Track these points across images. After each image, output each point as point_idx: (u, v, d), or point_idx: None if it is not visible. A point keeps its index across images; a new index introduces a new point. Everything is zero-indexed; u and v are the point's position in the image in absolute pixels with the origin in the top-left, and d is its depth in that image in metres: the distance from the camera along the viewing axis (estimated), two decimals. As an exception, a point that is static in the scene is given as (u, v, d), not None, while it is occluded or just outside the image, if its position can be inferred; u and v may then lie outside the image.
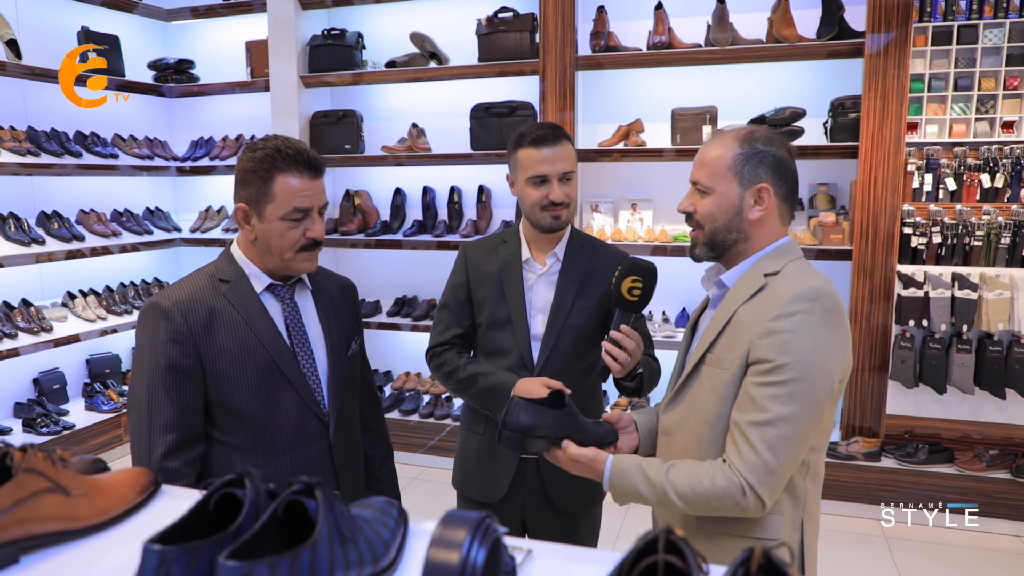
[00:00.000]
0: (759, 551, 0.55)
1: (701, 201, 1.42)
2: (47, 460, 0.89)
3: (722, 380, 1.35)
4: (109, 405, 4.35)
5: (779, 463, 1.25)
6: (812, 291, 1.29)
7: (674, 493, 1.29)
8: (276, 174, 1.44)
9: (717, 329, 1.39)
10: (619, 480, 1.34)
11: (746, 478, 1.25)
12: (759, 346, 1.29)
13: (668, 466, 1.32)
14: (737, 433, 1.29)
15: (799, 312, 1.27)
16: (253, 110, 4.85)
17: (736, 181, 1.38)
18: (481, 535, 0.65)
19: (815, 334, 1.27)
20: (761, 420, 1.25)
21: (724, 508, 1.28)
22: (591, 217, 4.14)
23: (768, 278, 1.36)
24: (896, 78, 3.43)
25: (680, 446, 1.44)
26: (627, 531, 3.44)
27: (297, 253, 1.50)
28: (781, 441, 1.25)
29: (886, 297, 3.56)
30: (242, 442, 1.49)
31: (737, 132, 1.42)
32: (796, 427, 1.26)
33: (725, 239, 1.41)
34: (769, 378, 1.27)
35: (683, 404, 1.45)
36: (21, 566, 0.82)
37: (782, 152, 1.40)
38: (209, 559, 0.68)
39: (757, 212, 1.39)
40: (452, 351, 2.00)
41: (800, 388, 1.25)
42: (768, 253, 1.41)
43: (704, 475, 1.28)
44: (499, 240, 2.04)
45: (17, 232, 3.97)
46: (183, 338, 1.44)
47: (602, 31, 3.90)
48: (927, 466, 3.55)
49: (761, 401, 1.26)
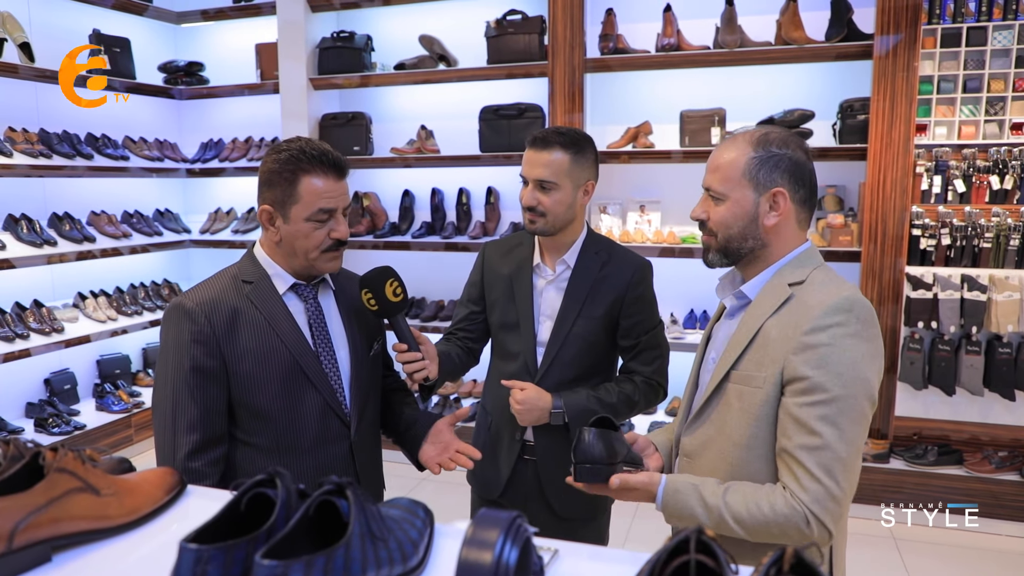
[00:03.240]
0: (790, 551, 0.56)
1: (715, 208, 1.36)
2: (77, 460, 0.91)
3: (755, 400, 1.30)
4: (119, 405, 4.38)
5: (840, 487, 1.20)
6: (846, 301, 1.24)
7: (731, 518, 1.24)
8: (301, 175, 1.45)
9: (742, 345, 1.33)
10: (673, 500, 1.29)
11: (809, 508, 1.20)
12: (794, 362, 1.24)
13: (725, 489, 1.27)
14: (790, 460, 1.23)
15: (835, 325, 1.23)
16: (263, 112, 4.88)
17: (751, 186, 1.33)
18: (513, 535, 0.66)
19: (853, 346, 1.22)
20: (813, 445, 1.20)
21: (786, 536, 1.22)
22: (599, 219, 4.15)
23: (793, 288, 1.31)
24: (905, 80, 3.43)
25: (706, 469, 1.38)
26: (636, 533, 3.45)
27: (322, 254, 1.51)
28: (837, 463, 1.20)
29: (895, 299, 3.56)
30: (265, 442, 1.50)
31: (750, 135, 1.36)
32: (849, 445, 1.21)
33: (740, 247, 1.36)
34: (812, 397, 1.21)
35: (708, 425, 1.39)
36: (53, 564, 0.84)
37: (798, 154, 1.34)
38: (243, 558, 0.70)
39: (773, 218, 1.34)
40: (451, 341, 2.05)
41: (846, 405, 1.21)
42: (790, 261, 1.36)
43: (764, 501, 1.23)
44: (517, 241, 2.04)
45: (29, 233, 4.00)
46: (207, 339, 1.45)
47: (611, 33, 3.90)
48: (936, 468, 3.54)
49: (809, 423, 1.21)
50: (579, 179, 1.86)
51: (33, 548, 0.82)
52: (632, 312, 1.91)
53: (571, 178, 1.84)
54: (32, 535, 0.81)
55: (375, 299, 1.59)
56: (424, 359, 1.67)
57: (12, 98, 4.15)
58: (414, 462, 1.71)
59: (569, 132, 1.86)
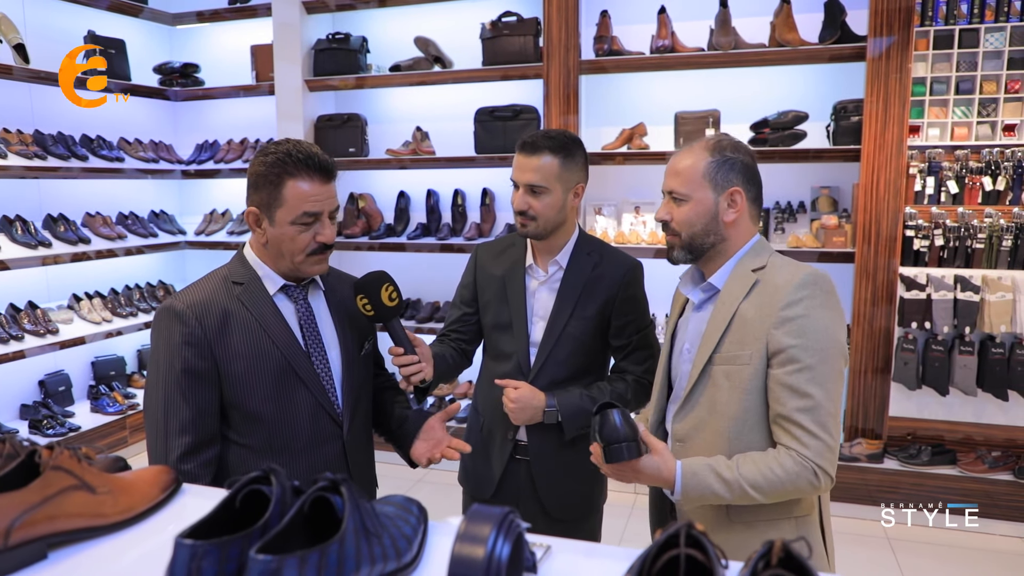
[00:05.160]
0: (779, 544, 0.57)
1: (678, 209, 1.52)
2: (73, 458, 0.91)
3: (744, 375, 1.43)
4: (114, 407, 4.37)
5: (833, 438, 1.37)
6: (810, 276, 1.42)
7: (750, 486, 1.35)
8: (287, 179, 1.45)
9: (720, 330, 1.47)
10: (692, 483, 1.37)
11: (815, 461, 1.35)
12: (777, 335, 1.40)
13: (736, 462, 1.38)
14: (788, 423, 1.38)
15: (805, 298, 1.40)
16: (258, 113, 4.88)
17: (710, 187, 1.49)
18: (505, 530, 0.67)
19: (823, 315, 1.40)
20: (807, 406, 1.36)
21: (799, 491, 1.37)
22: (594, 220, 4.16)
23: (757, 273, 1.48)
24: (898, 81, 3.45)
25: (701, 448, 1.48)
26: (631, 532, 3.45)
27: (308, 257, 1.51)
28: (829, 418, 1.37)
29: (888, 299, 3.58)
30: (257, 443, 1.50)
31: (705, 142, 1.53)
32: (834, 400, 1.39)
33: (703, 242, 1.52)
34: (797, 364, 1.37)
35: (698, 408, 1.51)
36: (49, 561, 0.84)
37: (748, 158, 1.52)
38: (238, 554, 0.70)
39: (732, 214, 1.50)
40: (444, 343, 2.06)
41: (827, 366, 1.38)
42: (748, 251, 1.53)
43: (775, 463, 1.36)
44: (509, 243, 2.06)
45: (24, 235, 3.99)
46: (198, 341, 1.45)
47: (605, 35, 3.92)
48: (930, 468, 3.56)
49: (800, 387, 1.37)
50: (569, 182, 1.88)
51: (29, 545, 0.82)
52: (624, 312, 1.92)
53: (561, 181, 1.86)
54: (28, 532, 0.82)
55: (371, 304, 1.59)
56: (420, 361, 1.68)
57: (7, 99, 4.14)
58: (406, 459, 1.72)
59: (558, 136, 1.87)
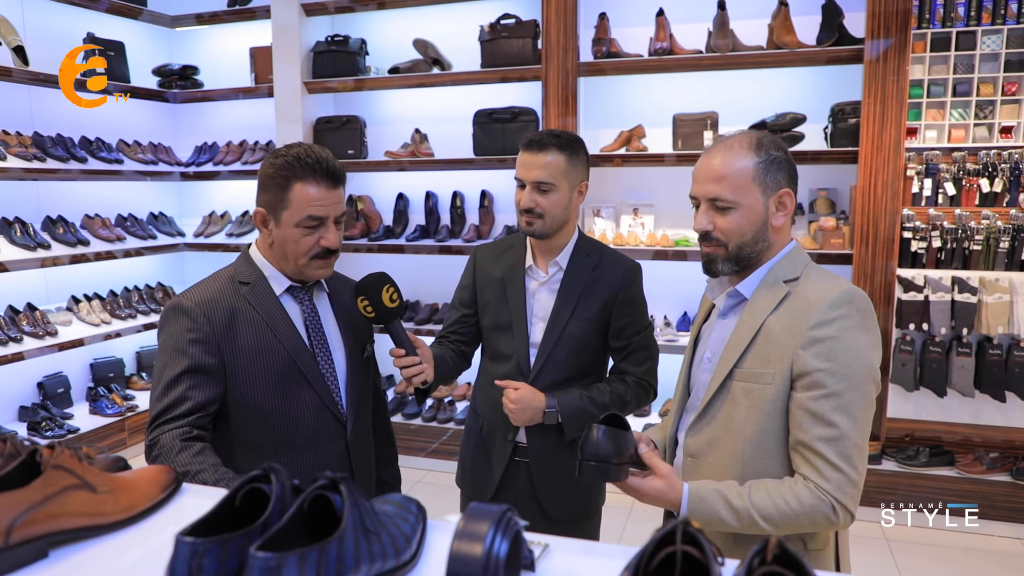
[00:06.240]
0: (774, 541, 0.58)
1: (723, 218, 1.36)
2: (74, 457, 0.92)
3: (764, 396, 1.32)
4: (113, 409, 4.37)
5: (858, 472, 1.26)
6: (847, 295, 1.29)
7: (760, 517, 1.25)
8: (294, 182, 1.47)
9: (744, 343, 1.35)
10: (699, 508, 1.28)
11: (834, 496, 1.24)
12: (804, 357, 1.28)
13: (748, 489, 1.28)
14: (809, 452, 1.27)
15: (839, 318, 1.27)
16: (257, 116, 4.88)
17: (760, 191, 1.35)
18: (503, 528, 0.67)
19: (857, 337, 1.28)
20: (831, 436, 1.25)
21: (815, 525, 1.27)
22: (593, 222, 4.17)
23: (789, 285, 1.35)
24: (895, 84, 3.46)
25: (714, 467, 1.39)
26: (630, 533, 3.46)
27: (311, 260, 1.53)
28: (854, 450, 1.26)
29: (886, 301, 3.59)
30: (262, 440, 1.51)
31: (744, 140, 1.37)
32: (861, 431, 1.27)
33: (752, 251, 1.38)
34: (824, 390, 1.26)
35: (714, 424, 1.40)
36: (50, 560, 0.84)
37: (789, 155, 1.40)
38: (238, 551, 0.71)
39: (781, 218, 1.38)
40: (444, 345, 2.06)
41: (856, 394, 1.26)
42: (781, 259, 1.39)
43: (790, 495, 1.26)
44: (508, 244, 2.06)
45: (23, 237, 3.99)
46: (205, 337, 1.47)
47: (604, 37, 3.93)
48: (928, 469, 3.57)
49: (825, 415, 1.25)
50: (575, 180, 1.90)
51: (30, 544, 0.82)
52: (623, 313, 1.93)
53: (567, 179, 1.87)
54: (29, 531, 0.82)
55: (372, 306, 1.60)
56: (421, 362, 1.68)
57: (6, 101, 4.14)
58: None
59: (563, 134, 1.89)
